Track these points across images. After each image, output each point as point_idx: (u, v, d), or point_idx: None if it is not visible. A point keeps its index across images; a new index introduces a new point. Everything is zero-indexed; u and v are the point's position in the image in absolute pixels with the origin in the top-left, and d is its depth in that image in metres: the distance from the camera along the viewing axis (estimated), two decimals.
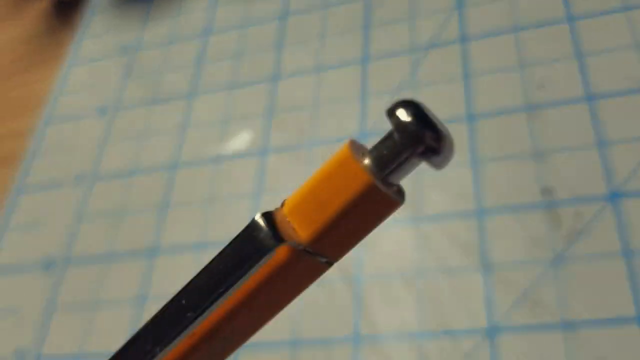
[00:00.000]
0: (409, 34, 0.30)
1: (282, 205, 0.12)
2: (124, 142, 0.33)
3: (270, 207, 0.12)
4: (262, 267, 0.11)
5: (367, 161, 0.11)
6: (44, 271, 0.30)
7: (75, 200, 0.32)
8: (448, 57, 0.29)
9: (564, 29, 0.27)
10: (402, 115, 0.11)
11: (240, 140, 0.27)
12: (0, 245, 0.32)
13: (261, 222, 0.11)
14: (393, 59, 0.30)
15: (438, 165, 0.11)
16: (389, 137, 0.11)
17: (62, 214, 0.32)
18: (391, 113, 0.11)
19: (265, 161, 0.29)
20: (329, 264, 0.12)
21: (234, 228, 0.12)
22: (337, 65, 0.31)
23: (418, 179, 0.25)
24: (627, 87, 0.25)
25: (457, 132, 0.26)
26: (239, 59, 0.34)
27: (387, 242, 0.24)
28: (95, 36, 0.40)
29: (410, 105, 0.11)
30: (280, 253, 0.11)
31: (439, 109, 0.27)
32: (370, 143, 0.11)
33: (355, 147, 0.11)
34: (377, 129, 0.27)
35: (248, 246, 0.11)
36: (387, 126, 0.11)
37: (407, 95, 0.28)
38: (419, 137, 0.11)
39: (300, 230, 0.11)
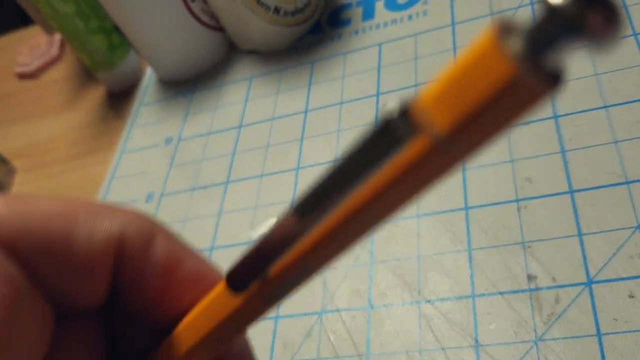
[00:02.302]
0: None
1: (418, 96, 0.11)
2: (167, 225, 0.38)
3: None
4: (396, 160, 0.11)
5: (515, 44, 0.09)
6: None
7: None
8: None
9: (550, 125, 0.31)
10: None
11: (269, 227, 0.31)
12: None
13: (395, 110, 0.10)
14: None
15: (603, 47, 0.09)
16: (545, 16, 0.09)
17: None
18: None
19: None
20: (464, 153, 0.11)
21: None
22: None
23: (419, 265, 0.29)
24: (607, 181, 0.28)
25: (455, 220, 0.30)
26: (267, 149, 0.39)
27: (393, 322, 0.28)
28: (144, 126, 0.45)
29: None
30: (417, 144, 0.10)
31: (440, 202, 0.31)
32: None
33: (504, 28, 0.10)
34: None
35: (382, 138, 0.11)
36: None
37: None
38: (579, 20, 0.09)
39: (439, 121, 0.10)
